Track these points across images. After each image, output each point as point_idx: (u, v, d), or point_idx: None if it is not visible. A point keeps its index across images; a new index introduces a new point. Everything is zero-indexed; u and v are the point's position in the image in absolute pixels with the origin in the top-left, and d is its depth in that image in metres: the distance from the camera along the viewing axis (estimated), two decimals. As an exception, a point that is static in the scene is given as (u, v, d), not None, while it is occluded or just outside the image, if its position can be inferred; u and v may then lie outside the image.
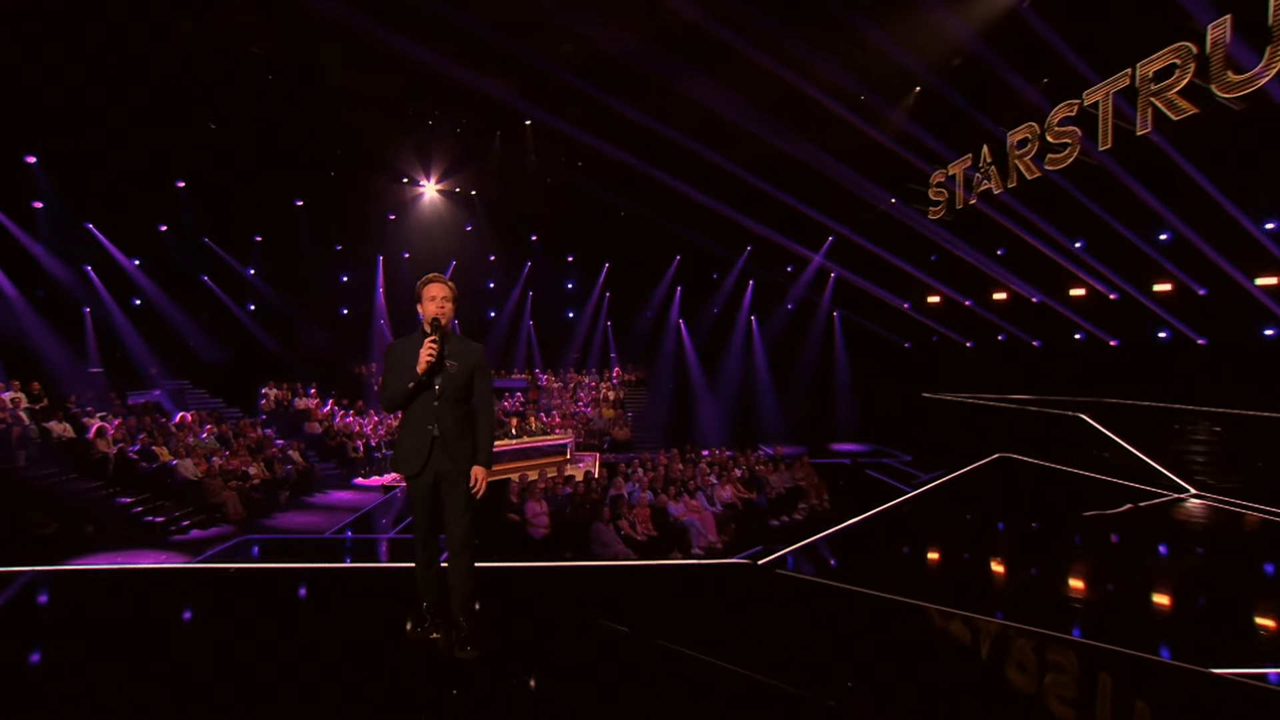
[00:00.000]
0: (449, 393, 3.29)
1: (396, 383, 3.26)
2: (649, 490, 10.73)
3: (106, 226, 16.98)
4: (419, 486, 3.34)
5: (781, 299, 22.01)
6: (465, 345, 3.38)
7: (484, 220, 21.41)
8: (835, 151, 15.21)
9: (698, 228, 19.33)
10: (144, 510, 11.11)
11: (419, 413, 3.24)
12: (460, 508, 3.32)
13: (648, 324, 23.53)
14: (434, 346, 3.20)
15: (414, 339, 3.32)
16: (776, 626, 3.92)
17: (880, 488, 12.28)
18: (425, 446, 3.27)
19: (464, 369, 3.32)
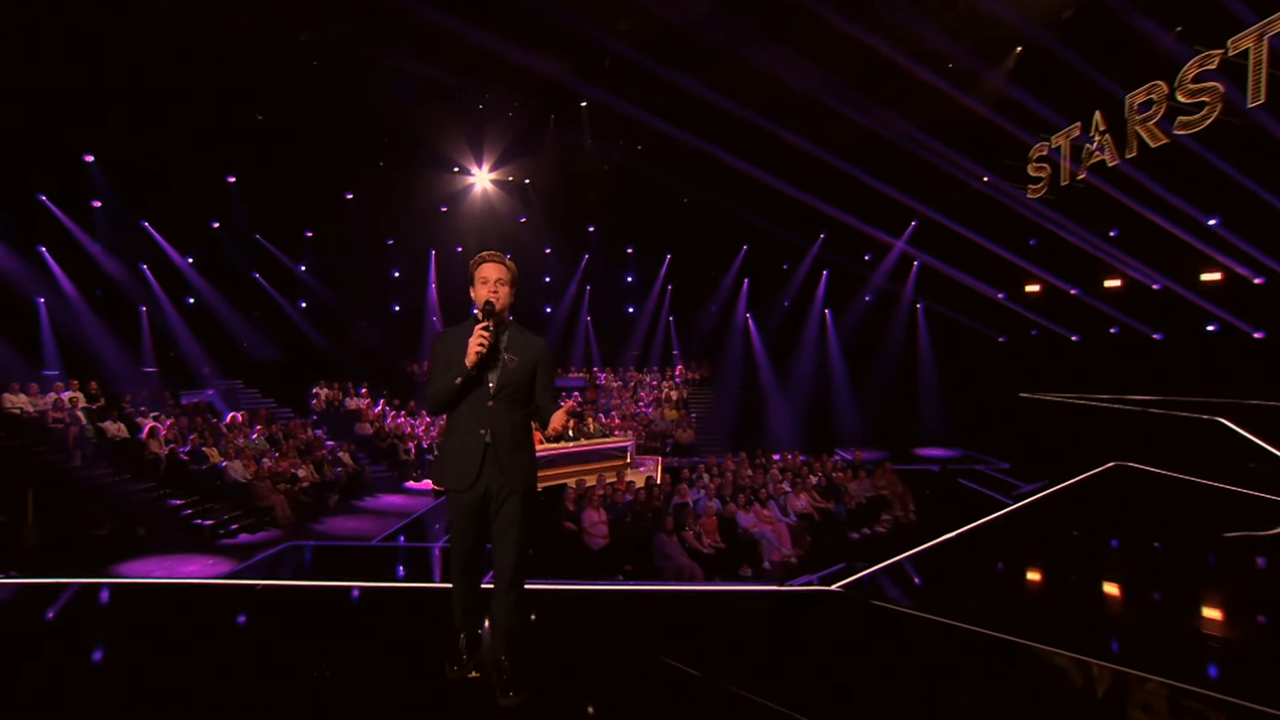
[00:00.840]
0: (506, 392, 3.07)
1: (443, 378, 3.05)
2: (716, 498, 10.62)
3: (161, 224, 17.78)
4: (464, 503, 3.09)
5: (859, 290, 21.62)
6: (526, 338, 3.16)
7: (538, 210, 21.46)
8: (922, 124, 14.56)
9: (767, 214, 19.02)
10: (193, 513, 11.51)
11: (469, 415, 3.03)
12: (512, 532, 3.07)
13: (713, 319, 23.37)
14: (486, 335, 2.97)
15: (464, 328, 3.11)
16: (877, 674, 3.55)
17: (974, 498, 11.87)
18: (476, 456, 3.03)
19: (524, 365, 3.10)
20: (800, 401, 20.07)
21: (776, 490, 11.08)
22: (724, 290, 23.16)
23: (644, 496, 10.65)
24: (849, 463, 13.06)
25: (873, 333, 20.98)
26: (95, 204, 16.07)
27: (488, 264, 3.14)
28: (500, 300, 3.09)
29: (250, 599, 4.68)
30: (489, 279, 3.10)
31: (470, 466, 3.04)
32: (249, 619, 4.25)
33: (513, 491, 3.06)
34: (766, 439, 17.48)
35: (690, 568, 8.88)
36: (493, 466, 3.04)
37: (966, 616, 4.29)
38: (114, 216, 16.32)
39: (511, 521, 3.07)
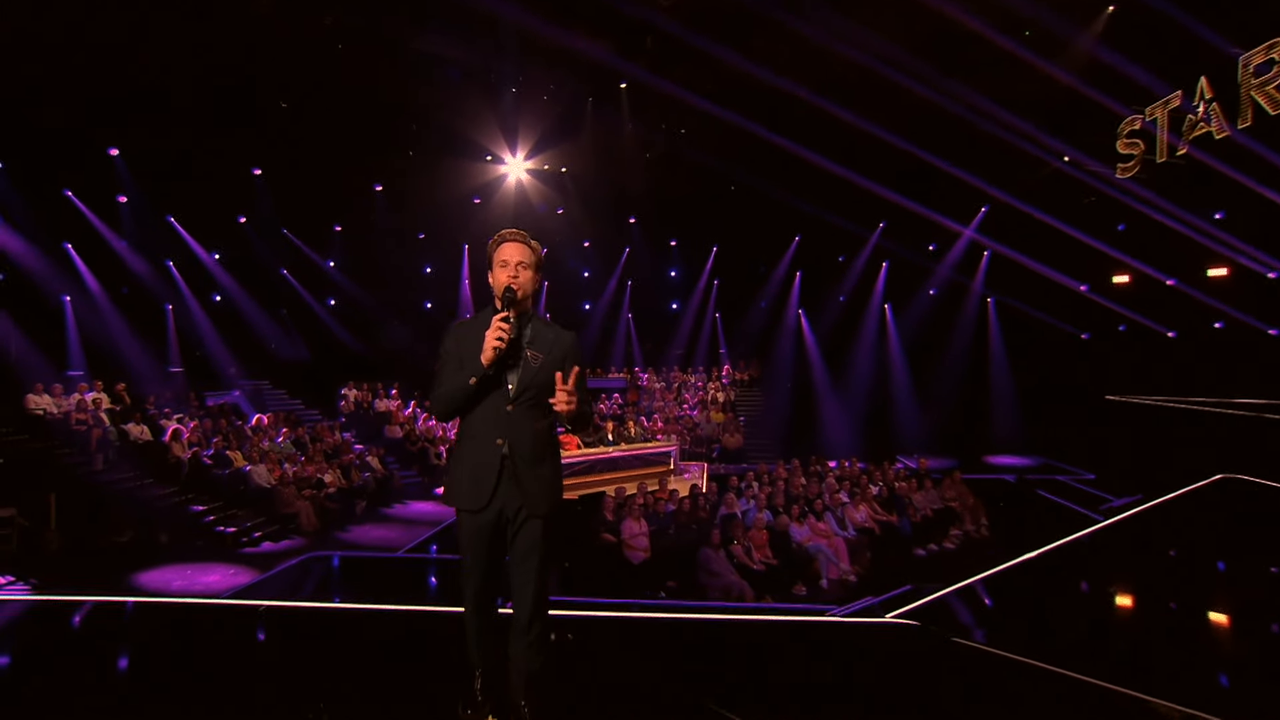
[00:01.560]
0: (528, 395, 2.84)
1: (454, 378, 2.83)
2: (766, 510, 10.50)
3: (187, 219, 18.16)
4: (477, 525, 2.86)
5: (923, 283, 21.18)
6: (554, 332, 2.95)
7: (576, 201, 21.32)
8: (995, 97, 13.97)
9: (822, 201, 18.61)
10: (216, 519, 11.70)
11: (484, 422, 2.82)
12: (532, 560, 2.84)
13: (762, 315, 23.21)
14: (506, 327, 2.76)
15: (480, 319, 2.89)
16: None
17: (1055, 512, 11.50)
18: (491, 470, 2.81)
19: (550, 363, 2.88)
20: (858, 404, 19.84)
21: (833, 501, 10.90)
22: (774, 284, 23.01)
23: (688, 507, 10.52)
24: (913, 471, 12.86)
25: (938, 329, 20.59)
26: (120, 199, 16.46)
27: (508, 244, 2.93)
28: (523, 286, 2.88)
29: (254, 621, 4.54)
30: (509, 261, 2.89)
31: (484, 483, 2.82)
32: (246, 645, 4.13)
33: (533, 513, 2.84)
34: (821, 445, 17.27)
35: (739, 586, 8.75)
36: (510, 483, 2.82)
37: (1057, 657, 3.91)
38: (139, 212, 16.70)
39: (532, 548, 2.84)
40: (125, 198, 16.43)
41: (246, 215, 19.13)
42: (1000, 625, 5.80)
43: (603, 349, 24.14)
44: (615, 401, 20.81)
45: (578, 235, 22.72)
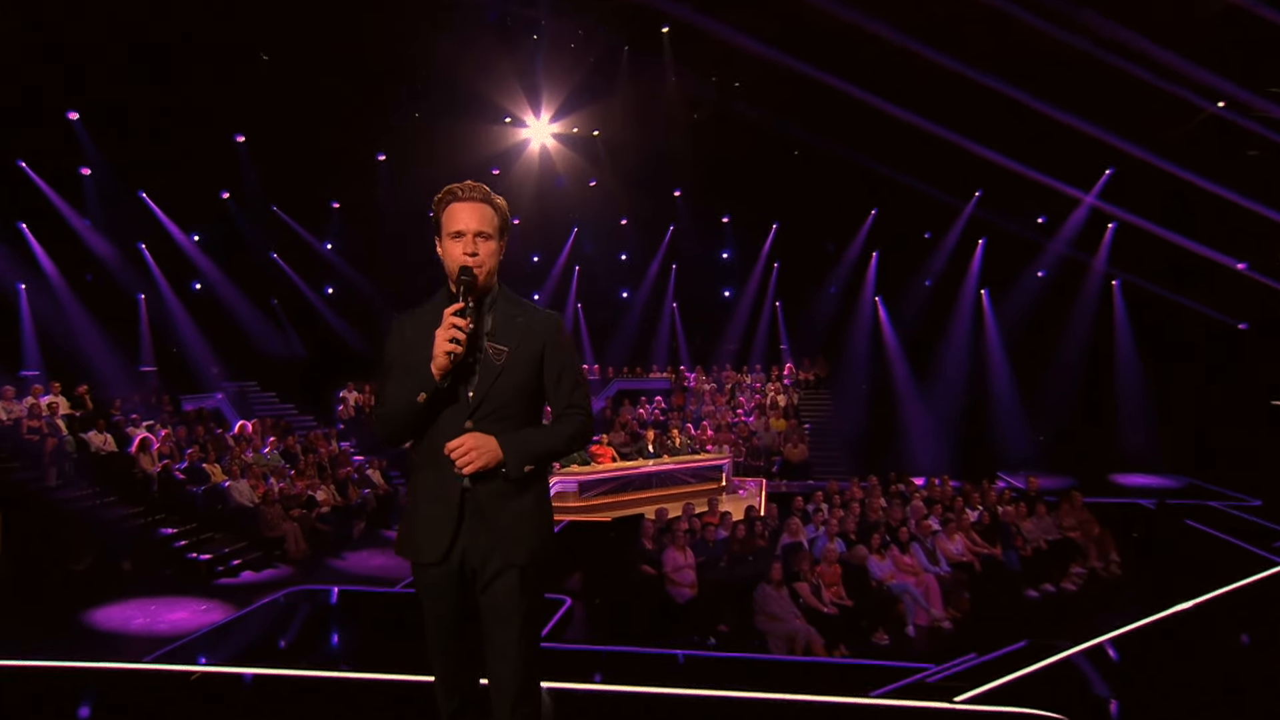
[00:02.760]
0: (493, 405, 2.61)
1: (399, 391, 2.61)
2: (839, 538, 10.34)
3: (161, 194, 18.23)
4: (437, 582, 2.64)
5: (1029, 263, 20.78)
6: (525, 316, 2.72)
7: (611, 171, 21.22)
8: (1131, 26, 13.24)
9: (904, 166, 18.24)
10: (188, 545, 11.68)
11: (438, 445, 2.58)
12: (510, 630, 2.60)
13: (832, 303, 22.96)
14: (460, 323, 2.52)
15: (433, 309, 2.67)
16: None
17: (1210, 546, 11.35)
18: (450, 508, 2.60)
19: (520, 359, 2.65)
20: (949, 409, 19.56)
21: (921, 529, 10.61)
22: (846, 266, 22.74)
23: (743, 533, 10.46)
24: (1020, 493, 12.60)
25: (1049, 318, 20.23)
26: (83, 171, 16.46)
27: (460, 205, 2.65)
28: (484, 264, 2.63)
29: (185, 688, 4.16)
30: (465, 230, 2.62)
31: (441, 526, 2.59)
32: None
33: (507, 564, 2.58)
34: (905, 459, 17.04)
35: (805, 633, 8.56)
36: (475, 523, 2.59)
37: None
38: (105, 186, 16.71)
39: (510, 611, 2.59)
40: (88, 169, 16.46)
41: (230, 190, 19.15)
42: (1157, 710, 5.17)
43: (643, 345, 24.24)
44: (657, 406, 20.84)
45: (613, 211, 22.65)
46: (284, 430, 16.31)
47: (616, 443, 17.54)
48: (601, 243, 23.94)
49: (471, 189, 2.66)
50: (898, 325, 21.91)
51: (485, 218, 2.65)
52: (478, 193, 2.66)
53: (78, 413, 13.51)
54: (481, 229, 2.63)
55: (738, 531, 10.40)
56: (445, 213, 2.67)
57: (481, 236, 2.63)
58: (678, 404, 21.15)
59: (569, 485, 14.25)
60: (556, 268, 24.47)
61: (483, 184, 2.67)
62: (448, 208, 2.66)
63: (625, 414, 19.85)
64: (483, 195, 2.66)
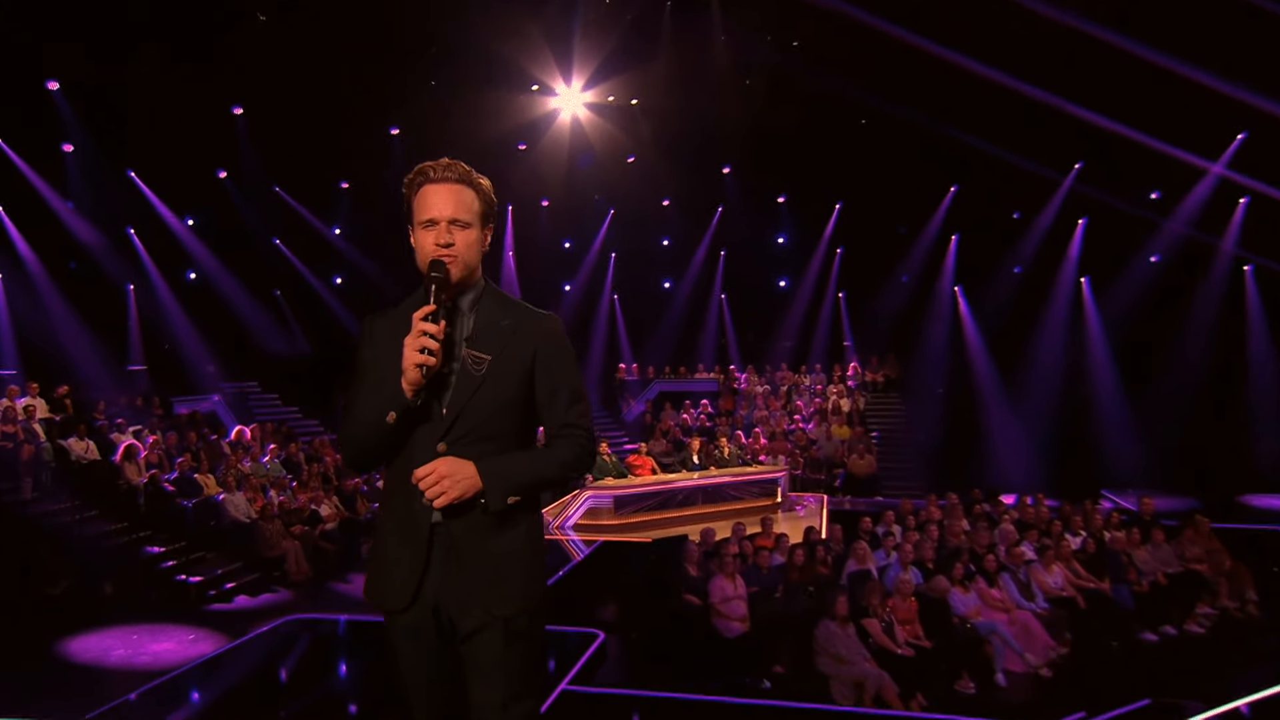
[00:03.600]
0: (471, 423, 2.55)
1: (367, 408, 2.55)
2: (914, 566, 10.00)
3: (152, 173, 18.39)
4: (407, 633, 2.61)
5: (1140, 245, 20.38)
6: (512, 317, 2.67)
7: (651, 145, 21.20)
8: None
9: (990, 134, 18.00)
10: (177, 565, 11.65)
11: (406, 471, 2.53)
12: (495, 687, 2.56)
13: (904, 294, 22.77)
14: (432, 329, 2.46)
15: (404, 311, 2.61)
16: None
17: None
18: (417, 547, 2.55)
19: (505, 368, 2.59)
20: (1042, 416, 19.20)
21: (1013, 557, 10.27)
22: (920, 252, 22.54)
23: (802, 559, 10.25)
24: (1131, 516, 12.26)
25: (1164, 310, 19.85)
26: (64, 148, 16.59)
27: (433, 188, 2.59)
28: (460, 258, 2.57)
29: None
30: (438, 216, 2.57)
31: (407, 567, 2.54)
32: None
33: (489, 615, 2.53)
34: (990, 473, 16.68)
35: (876, 677, 8.29)
36: (448, 567, 2.53)
37: None
38: (89, 164, 16.87)
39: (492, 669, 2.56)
40: (70, 145, 16.60)
41: (227, 169, 19.30)
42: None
43: (687, 341, 24.18)
44: (703, 410, 20.79)
45: (654, 190, 22.61)
46: (286, 437, 16.33)
47: (657, 452, 17.45)
48: (641, 226, 23.92)
49: (447, 168, 2.59)
50: (981, 318, 21.73)
51: (463, 202, 2.58)
52: (454, 172, 2.58)
53: (57, 417, 13.54)
54: (458, 215, 2.55)
55: (795, 557, 10.19)
56: (416, 197, 2.61)
57: (458, 224, 2.55)
58: (726, 408, 20.95)
59: (603, 501, 14.19)
60: (590, 254, 24.56)
61: (460, 162, 2.62)
62: (419, 191, 2.60)
63: (667, 419, 19.78)
64: (460, 175, 2.59)
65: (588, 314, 24.72)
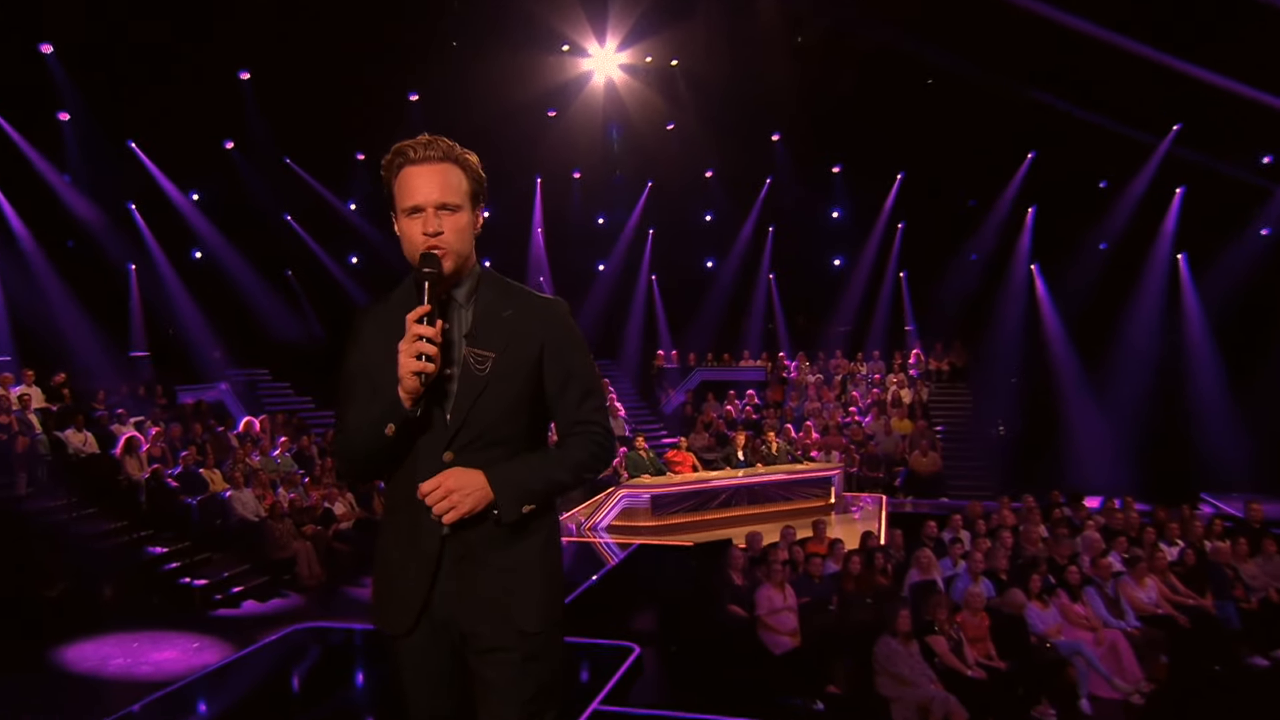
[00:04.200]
0: (478, 429, 2.55)
1: (362, 420, 2.55)
2: (985, 577, 9.90)
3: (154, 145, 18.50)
4: (413, 657, 2.65)
5: (1249, 218, 20.04)
6: (515, 307, 2.66)
7: (693, 111, 21.15)
8: None
9: (1073, 94, 17.75)
10: (181, 567, 11.75)
11: (408, 483, 2.55)
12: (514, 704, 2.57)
13: (973, 273, 22.55)
14: (429, 332, 2.44)
15: (397, 306, 2.61)
16: None
17: None
18: (424, 563, 2.56)
19: (512, 364, 2.59)
20: (1131, 408, 18.93)
21: (1099, 569, 10.07)
22: (992, 227, 22.26)
23: (859, 567, 10.11)
24: (1237, 524, 12.18)
25: (1273, 291, 19.33)
26: (60, 117, 16.72)
27: (416, 169, 2.55)
28: (450, 249, 2.53)
29: None
30: (424, 202, 2.52)
31: (411, 586, 2.56)
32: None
33: (506, 633, 2.55)
34: (1071, 473, 16.54)
35: (942, 701, 8.16)
36: (459, 583, 2.56)
37: None
38: (87, 135, 16.99)
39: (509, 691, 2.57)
40: (66, 114, 16.71)
41: (234, 139, 19.42)
42: None
43: (731, 327, 24.22)
44: (749, 402, 20.75)
45: (695, 161, 22.57)
46: (298, 429, 16.42)
47: (698, 447, 17.41)
48: (681, 200, 23.84)
49: (428, 146, 2.53)
50: (1060, 300, 21.51)
51: (450, 184, 2.53)
52: (436, 150, 2.52)
53: (54, 406, 13.67)
54: (445, 199, 2.50)
55: (851, 565, 10.06)
56: (397, 181, 2.56)
57: (446, 209, 2.51)
58: (775, 399, 20.92)
59: (640, 500, 14.16)
60: (626, 231, 24.60)
61: (443, 138, 2.57)
62: (399, 174, 2.55)
63: (709, 411, 19.74)
64: (444, 153, 2.53)
65: (623, 296, 24.77)
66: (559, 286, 24.12)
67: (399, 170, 2.57)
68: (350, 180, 21.58)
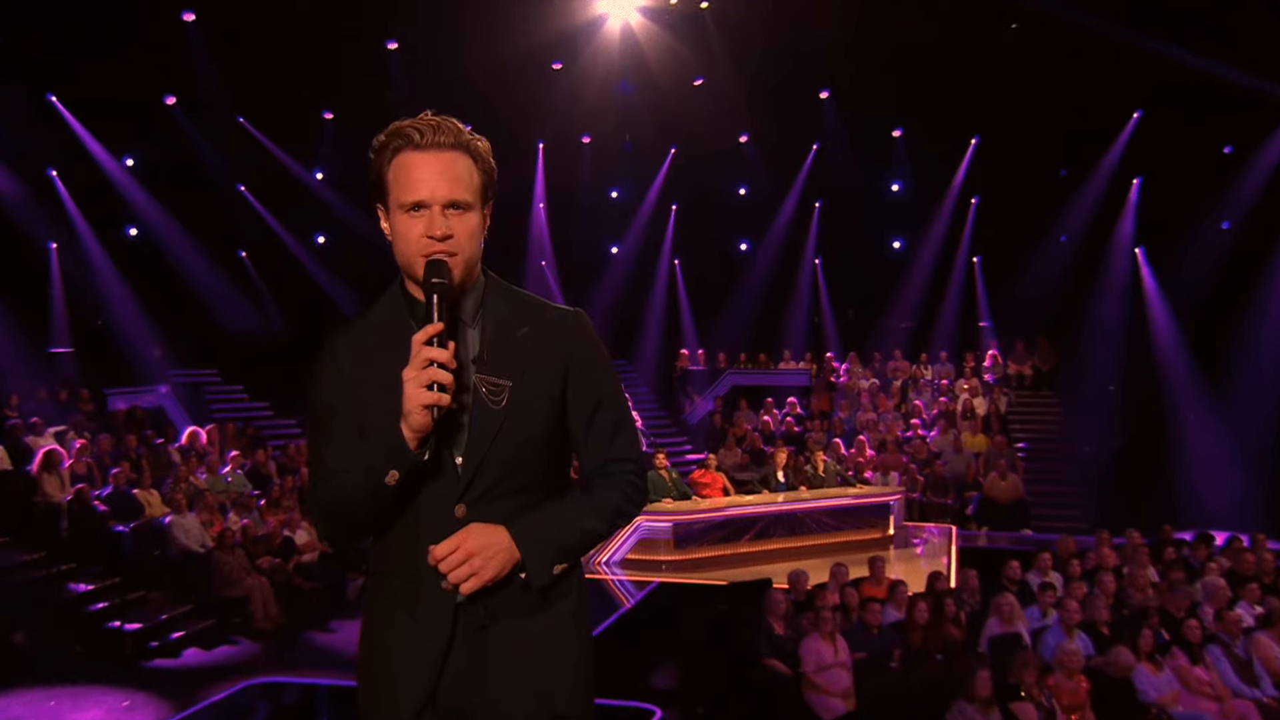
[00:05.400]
0: (495, 474, 2.52)
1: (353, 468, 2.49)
2: (1082, 630, 9.96)
3: (80, 101, 18.44)
4: None
5: None
6: (531, 321, 2.64)
7: (725, 62, 21.15)
8: None
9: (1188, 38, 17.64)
10: (110, 608, 11.62)
11: (409, 542, 2.54)
12: None
13: (1061, 258, 22.45)
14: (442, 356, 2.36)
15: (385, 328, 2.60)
16: None
17: None
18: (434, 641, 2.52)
19: (532, 394, 2.57)
20: (1259, 425, 18.73)
21: (1225, 623, 10.07)
22: (1087, 202, 22.20)
23: (926, 615, 10.13)
24: None
25: None
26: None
27: (417, 156, 2.46)
28: (462, 253, 2.48)
29: None
30: (428, 197, 2.44)
31: (414, 670, 2.53)
32: None
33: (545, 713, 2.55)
34: (1185, 503, 16.61)
35: None
36: (470, 664, 2.54)
37: None
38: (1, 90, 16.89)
39: None
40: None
41: (176, 94, 19.43)
42: None
43: (770, 323, 24.37)
44: (790, 411, 20.85)
45: (728, 123, 22.59)
46: (253, 441, 16.49)
47: (729, 466, 17.43)
48: (711, 170, 23.88)
49: (437, 130, 2.44)
50: (1171, 291, 21.44)
51: (460, 177, 2.45)
52: (446, 135, 2.44)
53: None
54: (456, 196, 2.43)
55: (917, 613, 10.06)
56: (393, 169, 2.46)
57: (456, 208, 2.43)
58: (821, 409, 21.07)
59: (660, 529, 14.18)
60: (645, 206, 24.75)
61: (452, 119, 2.49)
62: (396, 161, 2.46)
63: (743, 423, 19.75)
64: (454, 139, 2.45)
65: (641, 284, 24.86)
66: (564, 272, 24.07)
67: (396, 155, 2.48)
68: (317, 144, 21.61)
